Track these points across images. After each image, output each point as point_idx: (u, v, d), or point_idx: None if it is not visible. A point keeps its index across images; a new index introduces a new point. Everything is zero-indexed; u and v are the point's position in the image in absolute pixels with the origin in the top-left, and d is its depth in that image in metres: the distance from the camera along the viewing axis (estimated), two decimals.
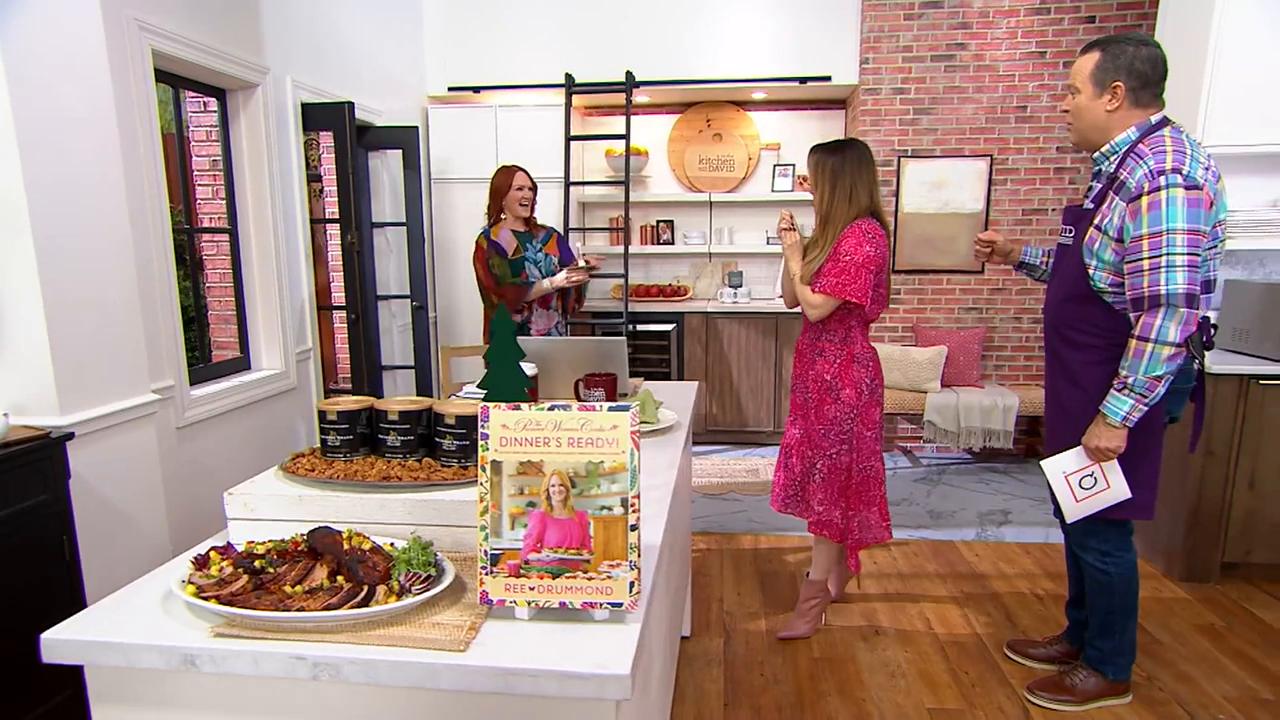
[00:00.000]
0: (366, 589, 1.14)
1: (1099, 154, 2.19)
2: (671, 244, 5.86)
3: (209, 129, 3.55)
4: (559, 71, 5.11)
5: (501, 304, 2.55)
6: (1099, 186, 2.19)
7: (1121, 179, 2.08)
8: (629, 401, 2.23)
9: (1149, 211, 1.99)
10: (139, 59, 2.75)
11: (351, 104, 3.88)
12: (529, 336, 3.30)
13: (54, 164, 2.16)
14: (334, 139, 3.91)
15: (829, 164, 2.62)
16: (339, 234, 4.05)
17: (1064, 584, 3.16)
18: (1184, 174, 1.97)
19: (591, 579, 1.12)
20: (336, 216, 4.05)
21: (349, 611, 1.10)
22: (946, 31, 4.86)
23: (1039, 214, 5.00)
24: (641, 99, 5.58)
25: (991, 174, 4.98)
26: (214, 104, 3.47)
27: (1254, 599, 3.15)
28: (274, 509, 1.39)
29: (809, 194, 2.74)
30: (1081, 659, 2.49)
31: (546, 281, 3.47)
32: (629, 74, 5.04)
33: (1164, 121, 2.11)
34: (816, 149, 2.68)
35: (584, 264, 3.46)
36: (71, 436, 2.15)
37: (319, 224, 4.41)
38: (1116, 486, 2.19)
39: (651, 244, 5.87)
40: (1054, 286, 2.34)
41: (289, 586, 1.16)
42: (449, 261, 5.34)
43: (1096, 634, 2.41)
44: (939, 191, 5.03)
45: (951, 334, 5.08)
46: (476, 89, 5.29)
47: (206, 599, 1.13)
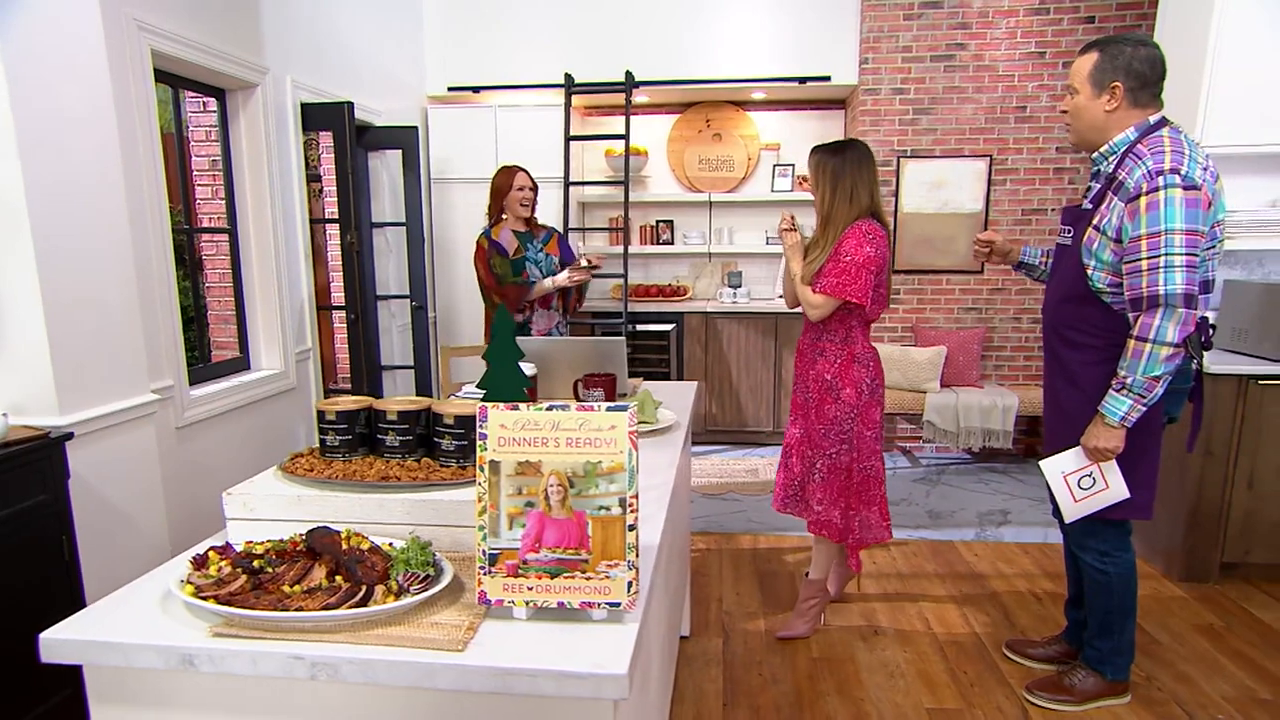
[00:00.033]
0: (365, 589, 1.14)
1: (1097, 154, 2.19)
2: (671, 244, 5.86)
3: (208, 129, 3.55)
4: (559, 71, 5.11)
5: (501, 304, 2.56)
6: (1097, 187, 2.19)
7: (1120, 179, 2.08)
8: (628, 401, 2.23)
9: (1147, 212, 1.99)
10: (138, 59, 2.75)
11: (351, 104, 3.88)
12: (529, 336, 3.30)
13: (53, 164, 2.16)
14: (333, 139, 3.91)
15: (830, 165, 2.62)
16: (339, 234, 4.05)
17: (1063, 584, 3.16)
18: (1182, 174, 1.97)
19: (589, 579, 1.12)
20: (336, 216, 4.05)
21: (347, 611, 1.10)
22: (946, 32, 4.86)
23: (1038, 214, 5.00)
24: (641, 99, 5.58)
25: (991, 174, 4.98)
26: (213, 104, 3.47)
27: (1253, 599, 3.15)
28: (273, 509, 1.39)
29: (809, 194, 2.74)
30: (1080, 659, 2.49)
31: (548, 281, 3.47)
32: (629, 74, 5.04)
33: (1162, 122, 2.11)
34: (817, 150, 2.68)
35: (586, 263, 3.46)
36: (71, 436, 2.15)
37: (318, 224, 4.41)
38: (1115, 487, 2.19)
39: (651, 244, 5.87)
40: (1052, 287, 2.35)
41: (287, 586, 1.16)
42: (448, 262, 5.34)
43: (1095, 634, 2.41)
44: (938, 191, 5.03)
45: (951, 334, 5.08)
46: (476, 89, 5.29)
47: (205, 599, 1.13)
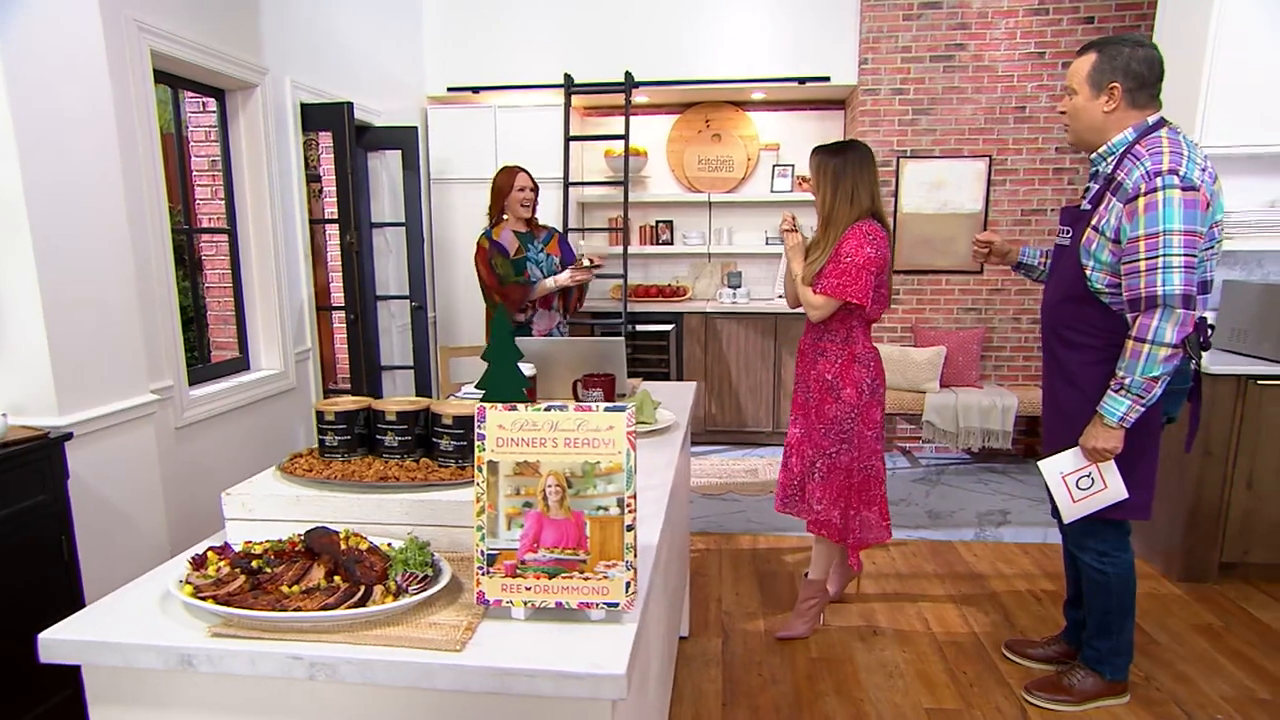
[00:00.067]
0: (363, 589, 1.15)
1: (1096, 155, 2.19)
2: (671, 244, 5.86)
3: (208, 129, 3.55)
4: (558, 72, 5.11)
5: (501, 304, 2.56)
6: (1096, 187, 2.19)
7: (1119, 180, 2.08)
8: (627, 402, 2.23)
9: (1146, 212, 1.99)
10: (138, 59, 2.75)
11: (350, 104, 3.88)
12: (529, 336, 3.30)
13: (53, 164, 2.16)
14: (333, 139, 3.91)
15: (830, 166, 2.62)
16: (338, 234, 4.05)
17: (1062, 584, 3.16)
18: (1180, 175, 1.97)
19: (588, 579, 1.12)
20: (335, 217, 4.05)
21: (346, 611, 1.10)
22: (945, 32, 4.86)
23: (1038, 214, 5.00)
24: (641, 99, 5.58)
25: (990, 174, 4.99)
26: (213, 104, 3.47)
27: (1252, 599, 3.15)
28: (272, 509, 1.39)
29: (808, 194, 2.74)
30: (1079, 659, 2.49)
31: (549, 281, 3.47)
32: (628, 74, 5.04)
33: (1161, 122, 2.11)
34: (818, 151, 2.68)
35: (587, 263, 3.46)
36: (70, 437, 2.15)
37: (318, 224, 4.41)
38: (1114, 487, 2.19)
39: (651, 244, 5.87)
40: (1051, 287, 2.35)
41: (286, 586, 1.16)
42: (448, 262, 5.34)
43: (1094, 634, 2.41)
44: (938, 192, 5.03)
45: (950, 334, 5.08)
46: (476, 89, 5.29)
47: (204, 599, 1.13)
